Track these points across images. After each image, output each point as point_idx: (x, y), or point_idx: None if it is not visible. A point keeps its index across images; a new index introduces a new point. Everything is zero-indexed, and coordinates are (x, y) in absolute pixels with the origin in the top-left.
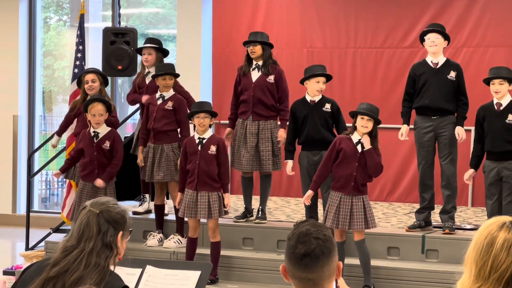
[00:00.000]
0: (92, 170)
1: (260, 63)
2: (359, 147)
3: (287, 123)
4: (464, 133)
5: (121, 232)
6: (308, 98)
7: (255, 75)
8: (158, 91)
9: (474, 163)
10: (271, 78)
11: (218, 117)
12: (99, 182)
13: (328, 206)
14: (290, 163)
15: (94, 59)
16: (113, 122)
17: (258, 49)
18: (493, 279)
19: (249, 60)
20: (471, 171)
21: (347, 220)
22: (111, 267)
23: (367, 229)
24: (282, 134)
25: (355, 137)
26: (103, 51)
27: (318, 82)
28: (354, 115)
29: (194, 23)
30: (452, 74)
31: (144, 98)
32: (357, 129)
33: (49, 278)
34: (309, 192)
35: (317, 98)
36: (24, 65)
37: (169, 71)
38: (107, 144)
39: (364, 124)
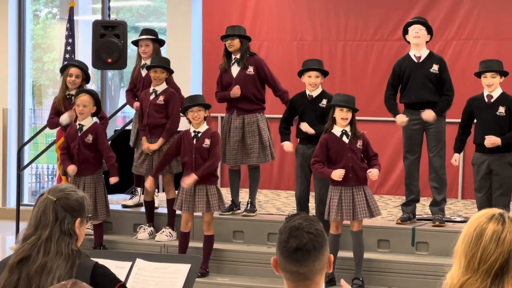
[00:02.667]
0: (74, 164)
1: (238, 56)
2: (344, 138)
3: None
4: (431, 116)
5: (78, 219)
6: (307, 92)
7: (235, 70)
8: (151, 86)
9: (458, 146)
10: (250, 70)
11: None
12: (112, 180)
13: (329, 200)
14: (287, 143)
15: (84, 52)
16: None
17: (236, 43)
18: (482, 271)
19: (227, 55)
20: (456, 155)
21: (351, 211)
22: (76, 249)
23: (372, 217)
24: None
25: (337, 130)
26: (93, 44)
27: (310, 76)
28: (331, 107)
29: (184, 16)
30: (435, 67)
31: (136, 104)
32: (336, 121)
33: (12, 269)
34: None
35: (315, 93)
36: (14, 58)
37: (161, 64)
38: (89, 138)
39: (344, 115)
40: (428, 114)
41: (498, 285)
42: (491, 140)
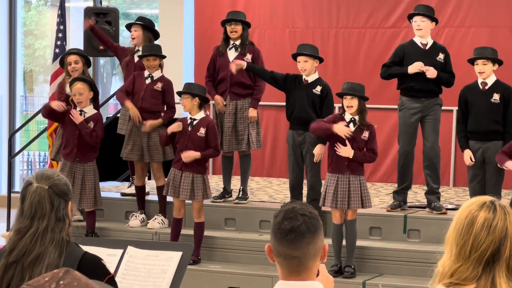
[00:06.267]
0: (71, 150)
1: (238, 42)
2: (351, 126)
3: (258, 102)
4: (431, 70)
5: (70, 202)
6: (303, 77)
7: (232, 54)
8: (146, 71)
9: (465, 143)
10: (248, 58)
11: None
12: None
13: (326, 187)
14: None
15: (76, 39)
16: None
17: (239, 29)
18: (474, 259)
19: (226, 39)
20: (468, 152)
21: (346, 200)
22: (66, 238)
23: (363, 208)
24: (252, 113)
25: (347, 117)
26: (84, 31)
27: (299, 62)
28: (340, 96)
29: (176, 3)
30: (441, 56)
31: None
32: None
33: (9, 264)
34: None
35: (310, 78)
36: (5, 44)
37: (153, 52)
38: (90, 125)
39: (348, 103)
40: (432, 71)
41: (489, 273)
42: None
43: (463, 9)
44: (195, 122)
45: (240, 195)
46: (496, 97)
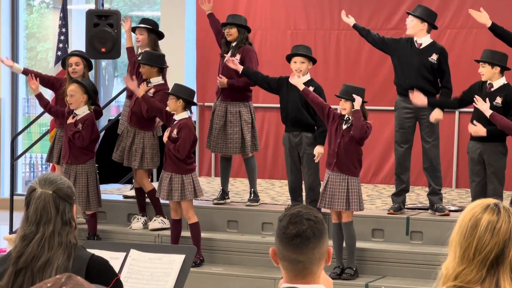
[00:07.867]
0: (66, 151)
1: (234, 45)
2: (344, 124)
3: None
4: (419, 100)
5: (74, 205)
6: None
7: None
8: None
9: (442, 102)
10: (237, 58)
11: (201, 99)
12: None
13: (322, 187)
14: None
15: (78, 41)
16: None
17: (234, 32)
18: (478, 261)
19: (227, 43)
20: (438, 111)
21: (327, 199)
22: (74, 241)
23: (348, 210)
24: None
25: (344, 116)
26: (86, 34)
27: (295, 62)
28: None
29: (178, 4)
30: (434, 57)
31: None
32: None
33: (18, 271)
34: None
35: (303, 80)
36: (7, 47)
37: (147, 62)
38: (79, 127)
39: (341, 106)
40: (416, 98)
41: (494, 275)
42: (475, 129)
43: (464, 10)
44: (174, 123)
45: (251, 197)
46: (498, 100)
